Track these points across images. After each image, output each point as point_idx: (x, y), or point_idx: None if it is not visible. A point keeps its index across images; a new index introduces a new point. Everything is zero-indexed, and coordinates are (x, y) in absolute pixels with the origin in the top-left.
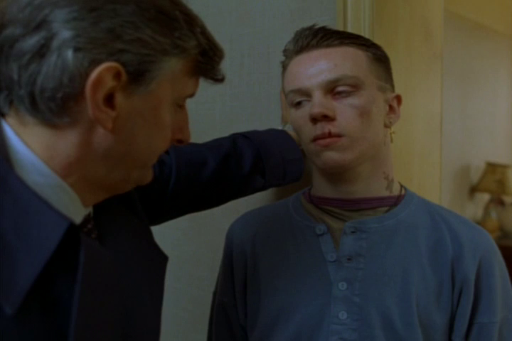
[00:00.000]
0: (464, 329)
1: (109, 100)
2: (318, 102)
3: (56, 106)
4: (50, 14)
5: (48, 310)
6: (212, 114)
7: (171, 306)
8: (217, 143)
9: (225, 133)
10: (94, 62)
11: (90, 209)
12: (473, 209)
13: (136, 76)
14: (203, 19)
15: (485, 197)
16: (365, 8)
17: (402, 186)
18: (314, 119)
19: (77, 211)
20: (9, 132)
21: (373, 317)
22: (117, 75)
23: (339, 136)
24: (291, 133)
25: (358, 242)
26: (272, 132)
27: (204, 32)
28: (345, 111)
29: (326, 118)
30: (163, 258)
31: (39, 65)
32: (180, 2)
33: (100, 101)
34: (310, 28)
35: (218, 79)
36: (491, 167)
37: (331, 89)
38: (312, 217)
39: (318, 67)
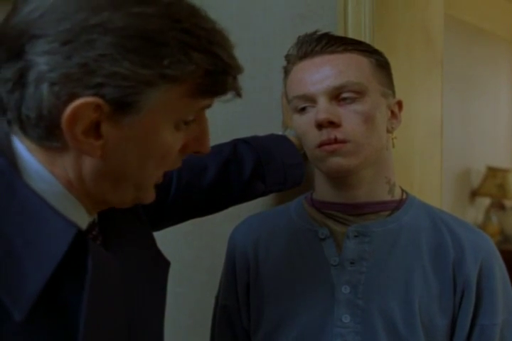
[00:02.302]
0: (465, 331)
1: (96, 128)
2: (324, 108)
3: (43, 133)
4: (27, 44)
5: (55, 316)
6: (213, 119)
7: (171, 310)
8: (217, 148)
9: (226, 138)
10: (72, 96)
11: (95, 216)
12: (474, 214)
13: (121, 107)
14: None
15: (486, 201)
16: (366, 13)
17: (403, 190)
18: (320, 125)
19: (81, 218)
20: (16, 140)
21: (376, 320)
22: (98, 108)
23: (344, 141)
24: (292, 138)
25: (361, 246)
26: (272, 137)
27: (210, 50)
28: (350, 117)
29: (332, 124)
30: (165, 264)
31: (21, 94)
32: (186, 17)
33: (79, 134)
34: (313, 34)
35: (237, 95)
36: (492, 171)
37: (336, 96)
38: (314, 221)
39: (322, 74)
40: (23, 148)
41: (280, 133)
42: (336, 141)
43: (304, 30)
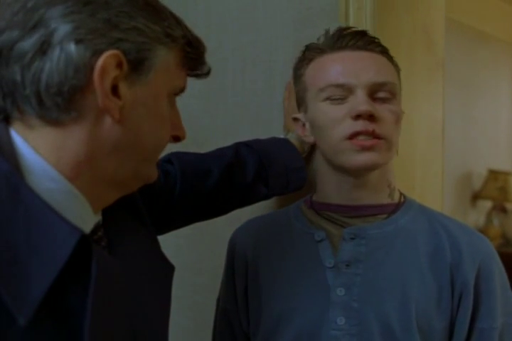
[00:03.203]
0: (463, 334)
1: (114, 90)
2: (365, 100)
3: (63, 101)
4: (46, 13)
5: (60, 321)
6: (215, 122)
7: (172, 314)
8: (220, 152)
9: (228, 142)
10: (97, 53)
11: (100, 217)
12: (476, 217)
13: (136, 64)
14: (206, 27)
15: (487, 204)
16: (367, 17)
17: (401, 193)
18: (358, 116)
19: (88, 218)
20: (18, 140)
21: (372, 323)
22: (119, 64)
23: (380, 137)
24: (294, 141)
25: (357, 248)
26: (274, 141)
27: (186, 25)
28: (386, 115)
29: (371, 117)
30: (169, 268)
31: (42, 61)
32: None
33: (108, 89)
34: (349, 28)
35: (204, 74)
36: (493, 174)
37: (373, 92)
38: (311, 224)
39: (366, 67)
40: (26, 148)
41: (282, 136)
42: (373, 133)
43: (305, 34)
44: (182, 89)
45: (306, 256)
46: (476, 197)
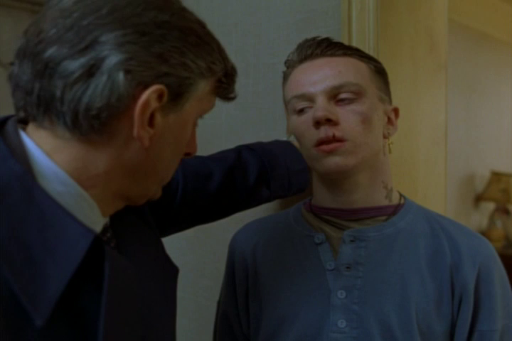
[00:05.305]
0: (464, 337)
1: (150, 120)
2: (322, 106)
3: (99, 124)
4: (101, 36)
5: (74, 321)
6: (218, 124)
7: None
8: (222, 155)
9: (230, 143)
10: (141, 84)
11: (107, 219)
12: (479, 219)
13: (175, 97)
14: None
15: (490, 206)
16: (370, 19)
17: (401, 195)
18: (317, 123)
19: (97, 220)
20: (29, 144)
21: (372, 326)
22: (160, 96)
23: (342, 140)
24: (296, 144)
25: (357, 251)
26: (276, 143)
27: (226, 56)
28: (348, 117)
29: (330, 122)
30: (174, 270)
31: (86, 84)
32: (205, 24)
33: (146, 121)
34: (313, 39)
35: (232, 98)
36: (496, 176)
37: (334, 96)
38: (311, 227)
39: (322, 74)
40: (38, 152)
41: (284, 138)
42: (334, 138)
43: (307, 36)
44: (207, 112)
45: (306, 259)
46: (479, 199)
